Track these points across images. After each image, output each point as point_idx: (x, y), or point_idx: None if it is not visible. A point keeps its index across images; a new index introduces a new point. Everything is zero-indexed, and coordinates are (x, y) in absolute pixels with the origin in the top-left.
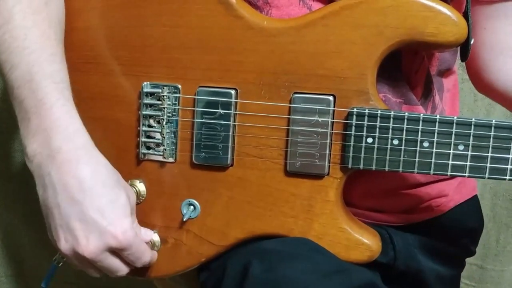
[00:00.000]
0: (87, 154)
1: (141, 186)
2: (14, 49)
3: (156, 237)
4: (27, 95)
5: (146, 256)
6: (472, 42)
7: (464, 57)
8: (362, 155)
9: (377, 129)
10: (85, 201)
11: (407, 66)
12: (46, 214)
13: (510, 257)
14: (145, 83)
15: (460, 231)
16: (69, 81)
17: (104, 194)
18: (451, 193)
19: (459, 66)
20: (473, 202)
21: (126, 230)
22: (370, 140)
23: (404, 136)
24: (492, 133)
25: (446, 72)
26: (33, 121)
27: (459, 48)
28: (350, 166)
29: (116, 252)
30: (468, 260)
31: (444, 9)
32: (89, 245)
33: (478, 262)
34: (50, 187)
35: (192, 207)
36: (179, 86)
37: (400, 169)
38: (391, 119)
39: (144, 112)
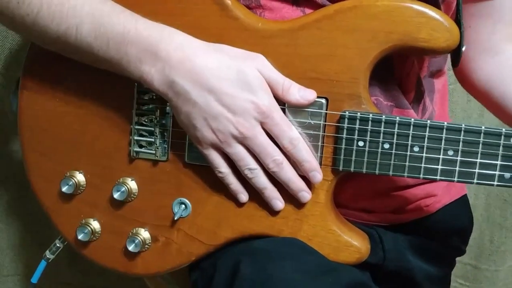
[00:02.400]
0: (189, 48)
1: (132, 184)
2: (67, 13)
3: (146, 235)
4: (108, 38)
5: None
6: (464, 48)
7: (455, 63)
8: (353, 158)
9: (369, 133)
10: (216, 86)
11: (399, 69)
12: (190, 125)
13: (504, 257)
14: None
15: (449, 230)
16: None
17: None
18: (440, 193)
19: (451, 67)
20: (462, 202)
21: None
22: (361, 143)
23: (395, 141)
24: (482, 139)
25: (437, 73)
26: (131, 52)
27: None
28: (341, 168)
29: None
30: (462, 260)
31: (437, 15)
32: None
33: (472, 262)
34: (181, 94)
35: (183, 206)
36: None
37: (391, 173)
38: (383, 123)
39: (137, 111)
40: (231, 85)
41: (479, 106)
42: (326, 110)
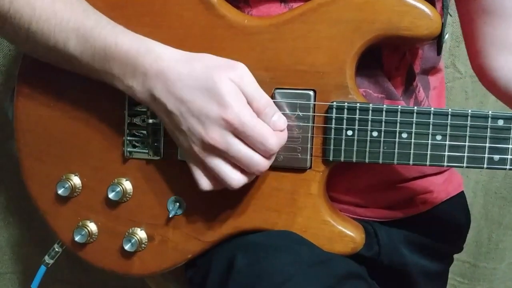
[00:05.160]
0: (164, 60)
1: (127, 184)
2: (54, 28)
3: (142, 234)
4: (93, 53)
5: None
6: (446, 36)
7: (438, 51)
8: (343, 147)
9: (357, 122)
10: (187, 97)
11: (388, 63)
12: (175, 136)
13: (502, 255)
14: None
15: (446, 227)
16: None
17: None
18: (437, 189)
19: (450, 65)
20: (459, 199)
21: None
22: (350, 132)
23: (383, 128)
24: (469, 122)
25: (431, 70)
26: (114, 68)
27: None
28: (331, 158)
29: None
30: (460, 257)
31: (418, 3)
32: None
33: (470, 259)
34: (160, 106)
35: (178, 203)
36: None
37: (380, 161)
38: (370, 111)
39: (129, 111)
40: (201, 95)
41: (477, 103)
42: (314, 101)
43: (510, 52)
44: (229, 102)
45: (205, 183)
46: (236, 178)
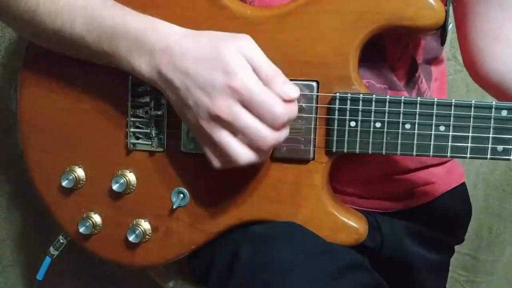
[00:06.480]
0: (170, 36)
1: (131, 176)
2: (62, 8)
3: (146, 226)
4: (100, 32)
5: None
6: (450, 26)
7: (442, 41)
8: (346, 138)
9: (360, 113)
10: (192, 69)
11: (390, 54)
12: (182, 113)
13: (502, 247)
14: None
15: (447, 218)
16: None
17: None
18: (438, 181)
19: (451, 57)
20: (461, 190)
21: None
22: (353, 123)
23: (386, 119)
24: (472, 113)
25: (434, 60)
26: (121, 47)
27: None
28: (334, 150)
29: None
30: (461, 250)
31: None
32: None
33: (471, 252)
34: (167, 83)
35: (181, 195)
36: None
37: (383, 152)
38: (373, 102)
39: (132, 103)
40: (206, 65)
41: (478, 96)
42: (317, 92)
43: (504, 44)
44: (235, 69)
45: (215, 161)
46: (243, 154)
